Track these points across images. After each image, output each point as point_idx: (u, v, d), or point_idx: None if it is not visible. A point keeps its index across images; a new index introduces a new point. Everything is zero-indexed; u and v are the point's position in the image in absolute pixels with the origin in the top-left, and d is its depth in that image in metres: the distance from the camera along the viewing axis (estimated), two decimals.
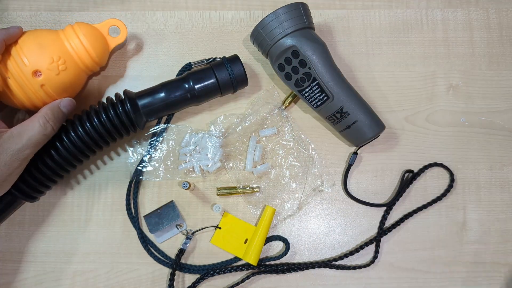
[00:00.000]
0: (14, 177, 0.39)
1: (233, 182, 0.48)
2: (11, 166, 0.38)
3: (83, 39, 0.43)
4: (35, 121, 0.39)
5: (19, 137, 0.38)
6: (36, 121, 0.39)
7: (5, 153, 0.37)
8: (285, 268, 0.47)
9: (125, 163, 0.49)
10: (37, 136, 0.39)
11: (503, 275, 0.48)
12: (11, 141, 0.38)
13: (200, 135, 0.48)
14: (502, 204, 0.49)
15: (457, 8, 0.52)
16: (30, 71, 0.41)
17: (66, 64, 0.43)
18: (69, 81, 0.44)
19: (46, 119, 0.40)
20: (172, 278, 0.46)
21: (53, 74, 0.42)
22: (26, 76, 0.41)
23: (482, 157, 0.50)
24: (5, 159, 0.37)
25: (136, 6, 0.51)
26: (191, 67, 0.49)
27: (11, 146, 0.38)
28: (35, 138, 0.39)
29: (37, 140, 0.39)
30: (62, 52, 0.43)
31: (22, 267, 0.47)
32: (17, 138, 0.38)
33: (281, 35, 0.44)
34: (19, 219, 0.48)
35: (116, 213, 0.48)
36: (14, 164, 0.38)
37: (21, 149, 0.38)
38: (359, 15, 0.52)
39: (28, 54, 0.41)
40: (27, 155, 0.39)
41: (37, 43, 0.42)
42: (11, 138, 0.38)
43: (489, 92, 0.51)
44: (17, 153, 0.38)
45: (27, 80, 0.41)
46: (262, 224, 0.47)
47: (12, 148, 0.38)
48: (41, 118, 0.40)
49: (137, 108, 0.44)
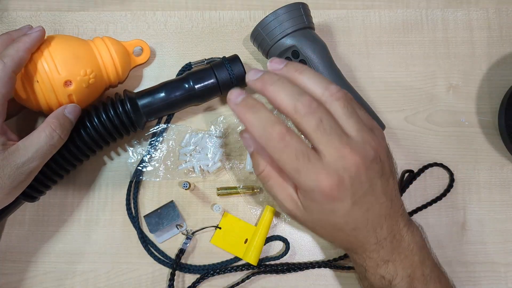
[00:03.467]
0: (19, 190, 0.38)
1: (233, 182, 0.48)
2: (16, 180, 0.37)
3: (114, 55, 0.44)
4: (41, 132, 0.38)
5: (24, 150, 0.37)
6: (42, 131, 0.38)
7: (9, 166, 0.36)
8: (285, 268, 0.47)
9: (125, 163, 0.49)
10: (44, 148, 0.38)
11: (503, 275, 0.48)
12: (16, 154, 0.37)
13: (200, 135, 0.48)
14: (502, 204, 0.49)
15: (457, 8, 0.52)
16: (62, 81, 0.41)
17: (96, 78, 0.43)
18: (93, 93, 0.45)
19: (52, 129, 0.38)
20: (172, 278, 0.46)
21: (83, 86, 0.42)
22: (57, 84, 0.41)
23: (482, 157, 0.50)
24: (9, 172, 0.36)
25: (136, 6, 0.51)
26: (191, 67, 0.49)
27: (16, 160, 0.37)
28: (42, 150, 0.38)
29: (45, 151, 0.38)
30: (94, 65, 0.43)
31: (22, 267, 0.47)
32: (23, 150, 0.37)
33: (281, 35, 0.44)
34: (19, 219, 0.48)
35: (116, 213, 0.48)
36: (19, 177, 0.37)
37: (26, 162, 0.37)
38: (359, 15, 0.52)
39: (63, 63, 0.41)
40: (33, 168, 0.38)
41: (73, 53, 0.42)
42: (17, 151, 0.37)
43: (489, 92, 0.51)
44: (22, 166, 0.37)
45: (57, 89, 0.41)
46: (262, 224, 0.47)
47: (17, 162, 0.37)
48: (47, 128, 0.38)
49: (137, 108, 0.44)
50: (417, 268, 0.37)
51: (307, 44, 0.44)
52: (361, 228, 0.35)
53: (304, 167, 0.31)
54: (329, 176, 0.31)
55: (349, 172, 0.32)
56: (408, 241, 0.37)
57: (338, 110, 0.33)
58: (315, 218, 0.35)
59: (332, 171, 0.31)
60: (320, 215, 0.34)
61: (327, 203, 0.33)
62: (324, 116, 0.32)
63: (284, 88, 0.32)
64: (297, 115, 0.31)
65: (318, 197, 0.32)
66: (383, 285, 0.37)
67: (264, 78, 0.33)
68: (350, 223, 0.34)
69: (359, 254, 0.37)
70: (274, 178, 0.36)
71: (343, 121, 0.33)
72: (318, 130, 0.31)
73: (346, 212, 0.33)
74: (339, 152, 0.31)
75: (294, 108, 0.31)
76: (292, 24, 0.44)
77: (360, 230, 0.35)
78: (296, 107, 0.31)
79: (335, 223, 0.35)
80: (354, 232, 0.35)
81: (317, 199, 0.33)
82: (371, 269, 0.37)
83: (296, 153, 0.31)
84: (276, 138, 0.31)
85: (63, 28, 0.51)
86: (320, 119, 0.31)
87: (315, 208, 0.34)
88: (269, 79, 0.33)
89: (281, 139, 0.31)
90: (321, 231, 0.37)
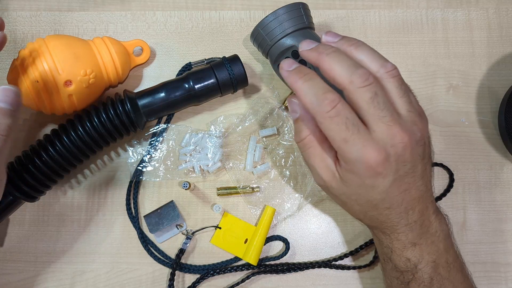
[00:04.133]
0: None
1: (233, 182, 0.48)
2: None
3: (114, 56, 0.44)
4: None
5: None
6: None
7: None
8: (285, 268, 0.47)
9: (125, 163, 0.49)
10: None
11: (503, 275, 0.48)
12: None
13: (200, 135, 0.48)
14: (502, 204, 0.49)
15: (457, 8, 0.52)
16: (62, 81, 0.41)
17: (96, 78, 0.43)
18: (93, 93, 0.44)
19: None
20: (172, 278, 0.46)
21: (83, 86, 0.42)
22: (58, 84, 0.41)
23: (482, 157, 0.50)
24: None
25: (136, 6, 0.51)
26: (191, 67, 0.49)
27: None
28: None
29: None
30: (94, 65, 0.43)
31: (22, 267, 0.47)
32: None
33: (281, 35, 0.44)
34: (19, 219, 0.48)
35: (116, 213, 0.48)
36: None
37: None
38: (359, 15, 0.52)
39: (63, 63, 0.41)
40: None
41: (73, 53, 0.42)
42: None
43: (489, 92, 0.51)
44: None
45: (57, 89, 0.41)
46: (262, 224, 0.47)
47: None
48: None
49: (137, 108, 0.44)
50: (442, 255, 0.37)
51: None
52: (395, 208, 0.35)
53: (352, 137, 0.31)
54: (377, 150, 0.31)
55: (395, 149, 0.32)
56: (435, 227, 0.37)
57: (392, 87, 0.33)
58: (351, 191, 0.35)
59: (380, 146, 0.31)
60: (358, 189, 0.34)
61: (368, 177, 0.33)
62: (379, 91, 0.32)
63: (340, 60, 0.32)
64: (352, 87, 0.31)
65: (361, 170, 0.32)
66: (408, 267, 0.37)
67: (319, 49, 0.33)
68: (386, 201, 0.34)
69: (387, 234, 0.37)
70: (315, 147, 0.36)
71: (396, 99, 0.33)
72: (371, 104, 0.31)
73: (385, 189, 0.33)
74: (389, 128, 0.31)
75: (350, 80, 0.31)
76: (292, 24, 0.44)
77: (393, 209, 0.35)
78: (351, 79, 0.31)
79: (371, 199, 0.34)
80: (387, 211, 0.35)
81: (359, 171, 0.33)
82: (398, 250, 0.37)
83: (346, 123, 0.31)
84: (328, 106, 0.31)
85: (63, 28, 0.51)
86: (375, 93, 0.31)
87: (355, 181, 0.34)
88: (325, 50, 0.33)
89: (332, 107, 0.31)
90: (354, 206, 0.37)
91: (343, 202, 0.37)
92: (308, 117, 0.36)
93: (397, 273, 0.38)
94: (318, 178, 0.37)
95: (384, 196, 0.34)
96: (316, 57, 0.33)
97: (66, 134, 0.42)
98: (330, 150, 0.35)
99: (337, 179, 0.35)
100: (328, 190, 0.37)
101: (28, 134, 0.49)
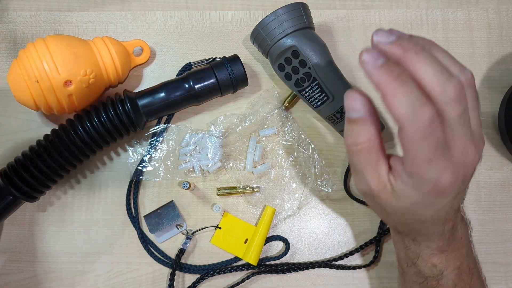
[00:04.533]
0: None
1: (233, 182, 0.48)
2: None
3: (114, 55, 0.44)
4: None
5: None
6: None
7: None
8: (285, 268, 0.47)
9: (125, 163, 0.49)
10: None
11: (503, 275, 0.48)
12: None
13: (200, 135, 0.48)
14: (502, 204, 0.49)
15: (457, 8, 0.52)
16: (62, 81, 0.41)
17: (96, 78, 0.43)
18: (93, 93, 0.44)
19: None
20: (172, 278, 0.46)
21: (83, 86, 0.42)
22: (58, 84, 0.41)
23: (482, 157, 0.50)
24: None
25: (136, 6, 0.51)
26: (191, 67, 0.49)
27: None
28: None
29: None
30: (94, 65, 0.43)
31: (22, 267, 0.47)
32: None
33: (281, 35, 0.44)
34: (19, 219, 0.48)
35: (116, 213, 0.48)
36: None
37: None
38: (359, 15, 0.52)
39: (63, 63, 0.41)
40: None
41: (72, 53, 0.42)
42: None
43: (489, 92, 0.51)
44: None
45: (57, 89, 0.41)
46: (262, 224, 0.47)
47: None
48: None
49: (137, 108, 0.44)
50: (464, 260, 0.36)
51: (307, 44, 0.44)
52: (438, 221, 0.33)
53: (437, 159, 0.28)
54: (454, 172, 0.29)
55: (466, 169, 0.30)
56: (460, 233, 0.36)
57: (470, 99, 0.29)
58: (402, 206, 0.31)
59: (457, 168, 0.29)
60: (412, 205, 0.31)
61: (432, 196, 0.30)
62: (467, 106, 0.28)
63: (431, 62, 0.27)
64: (444, 97, 0.27)
65: (429, 190, 0.29)
66: (433, 274, 0.36)
67: (404, 44, 0.28)
68: (435, 217, 0.32)
69: (417, 241, 0.35)
70: (372, 154, 0.31)
71: (471, 112, 0.29)
72: (459, 121, 0.28)
73: (441, 207, 0.31)
74: (466, 147, 0.29)
75: (443, 90, 0.27)
76: (292, 24, 0.44)
77: (436, 223, 0.33)
78: (445, 88, 0.27)
79: (423, 215, 0.32)
80: (431, 224, 0.33)
81: (424, 190, 0.30)
82: (425, 256, 0.35)
83: (437, 144, 0.27)
84: (426, 122, 0.27)
85: (63, 28, 0.51)
86: (464, 108, 0.28)
87: (412, 198, 0.30)
88: (414, 47, 0.28)
89: (430, 124, 0.27)
90: (397, 218, 0.34)
91: (387, 213, 0.34)
92: (372, 119, 0.30)
93: (420, 279, 0.37)
94: (365, 185, 0.32)
95: (434, 213, 0.32)
96: (401, 54, 0.28)
97: (66, 134, 0.42)
98: (385, 158, 0.32)
99: (388, 190, 0.31)
100: (372, 199, 0.33)
101: (28, 134, 0.49)
